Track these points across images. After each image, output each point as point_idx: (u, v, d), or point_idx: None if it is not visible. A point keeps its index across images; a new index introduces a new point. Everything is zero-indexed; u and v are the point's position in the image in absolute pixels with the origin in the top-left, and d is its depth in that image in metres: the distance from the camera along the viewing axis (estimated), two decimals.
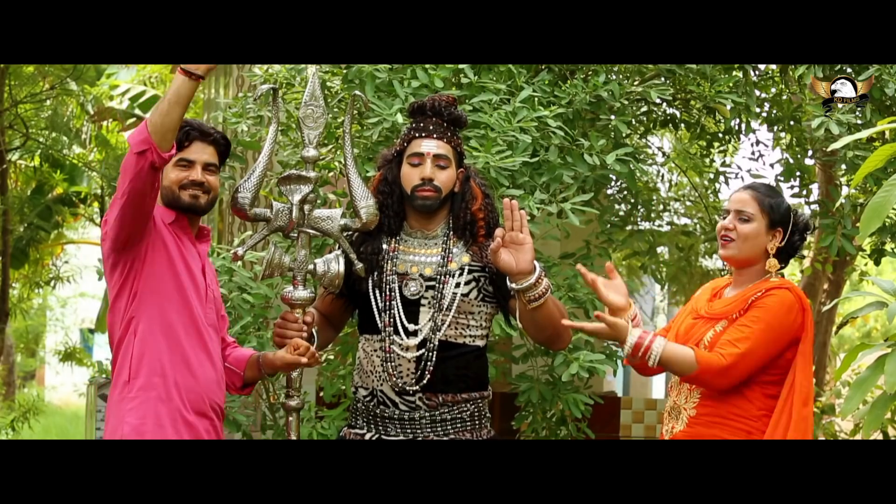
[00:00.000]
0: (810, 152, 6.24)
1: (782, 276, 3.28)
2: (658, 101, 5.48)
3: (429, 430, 3.13)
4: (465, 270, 3.18)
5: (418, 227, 3.24)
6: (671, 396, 3.27)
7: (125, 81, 13.12)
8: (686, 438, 3.16)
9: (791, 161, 6.40)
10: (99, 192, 12.64)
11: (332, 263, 3.14)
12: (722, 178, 6.96)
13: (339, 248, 3.20)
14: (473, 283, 3.18)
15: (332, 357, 5.42)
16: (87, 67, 11.18)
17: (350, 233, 3.23)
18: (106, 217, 3.04)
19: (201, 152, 3.15)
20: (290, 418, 3.15)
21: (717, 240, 3.30)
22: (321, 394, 5.37)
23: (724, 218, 3.27)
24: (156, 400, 2.99)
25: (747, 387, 3.19)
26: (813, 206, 6.64)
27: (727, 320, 3.18)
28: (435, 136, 3.20)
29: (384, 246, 3.22)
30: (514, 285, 3.02)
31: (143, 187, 2.91)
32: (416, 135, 3.21)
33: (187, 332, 3.05)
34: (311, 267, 3.14)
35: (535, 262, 3.02)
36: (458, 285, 3.16)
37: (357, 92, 3.32)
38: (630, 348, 3.02)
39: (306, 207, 3.14)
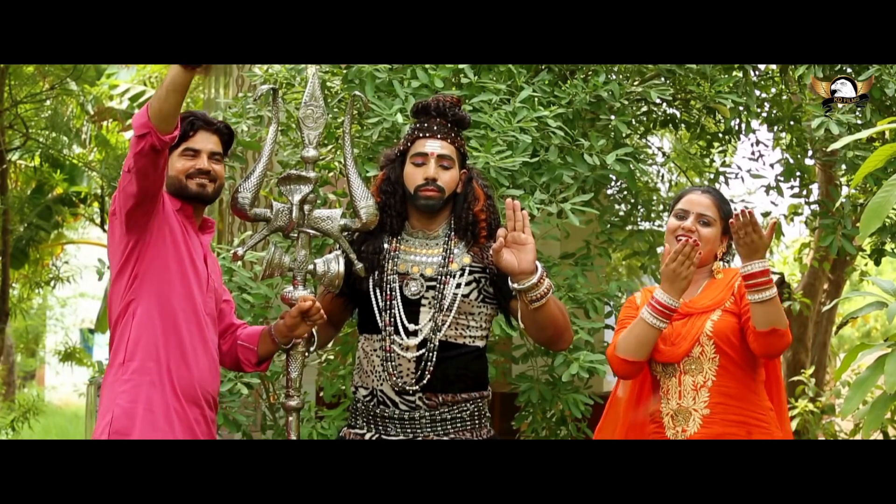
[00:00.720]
0: (810, 152, 6.24)
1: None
2: (658, 101, 5.48)
3: (429, 429, 3.13)
4: (466, 271, 3.18)
5: (420, 227, 3.24)
6: (672, 400, 3.25)
7: (125, 81, 13.12)
8: (706, 438, 3.16)
9: (791, 161, 6.41)
10: (99, 192, 12.64)
11: (332, 263, 3.14)
12: (722, 178, 6.96)
13: (338, 248, 3.20)
14: (474, 284, 3.18)
15: (332, 357, 5.42)
16: (87, 67, 11.18)
17: (350, 233, 3.23)
18: (115, 194, 3.08)
19: (206, 141, 3.18)
20: (291, 418, 3.15)
21: (671, 238, 3.30)
22: (321, 394, 5.36)
23: (683, 219, 3.29)
24: (148, 385, 3.01)
25: (756, 383, 3.22)
26: (813, 206, 6.65)
27: (721, 310, 3.21)
28: (439, 136, 3.20)
29: (385, 245, 3.22)
30: (516, 285, 3.02)
31: (145, 166, 2.93)
32: (420, 135, 3.21)
33: (185, 319, 3.06)
34: (311, 267, 3.14)
35: (537, 263, 3.02)
36: (458, 286, 3.16)
37: (357, 92, 3.32)
38: (762, 267, 3.04)
39: (306, 207, 3.14)
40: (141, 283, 3.04)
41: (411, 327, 3.14)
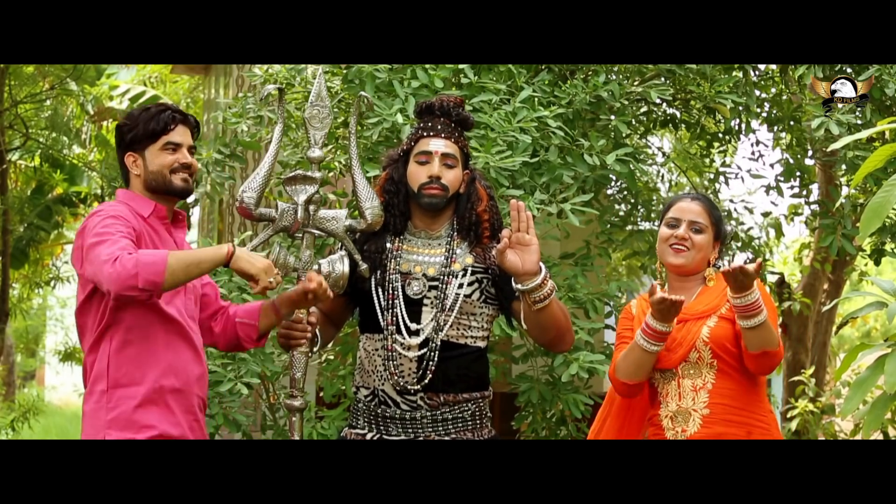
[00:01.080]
0: (810, 152, 6.25)
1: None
2: (658, 101, 5.48)
3: (430, 429, 3.13)
4: (469, 271, 3.18)
5: (423, 226, 3.24)
6: (671, 401, 3.24)
7: (125, 81, 13.14)
8: (706, 438, 3.16)
9: (791, 161, 6.41)
10: (99, 192, 12.65)
11: (337, 264, 3.14)
12: (722, 178, 6.97)
13: (341, 248, 3.20)
14: (476, 285, 3.18)
15: (332, 357, 5.42)
16: (87, 67, 11.19)
17: (353, 233, 3.23)
18: (82, 270, 2.94)
19: (184, 135, 3.11)
20: (294, 418, 3.14)
21: (665, 247, 3.31)
22: (321, 394, 5.37)
23: (675, 227, 3.30)
24: (138, 409, 2.94)
25: (756, 386, 3.22)
26: (813, 206, 6.66)
27: (717, 316, 3.22)
28: (443, 135, 3.20)
29: (388, 245, 3.22)
30: (519, 286, 3.02)
31: (126, 302, 2.89)
32: (425, 134, 3.22)
33: (167, 336, 2.99)
34: (315, 267, 3.14)
35: (541, 264, 3.02)
36: (461, 286, 3.16)
37: (363, 93, 3.32)
38: (753, 300, 3.04)
39: (311, 208, 3.13)
40: (115, 310, 2.95)
41: (413, 327, 3.14)
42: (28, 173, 13.32)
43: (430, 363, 3.11)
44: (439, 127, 3.21)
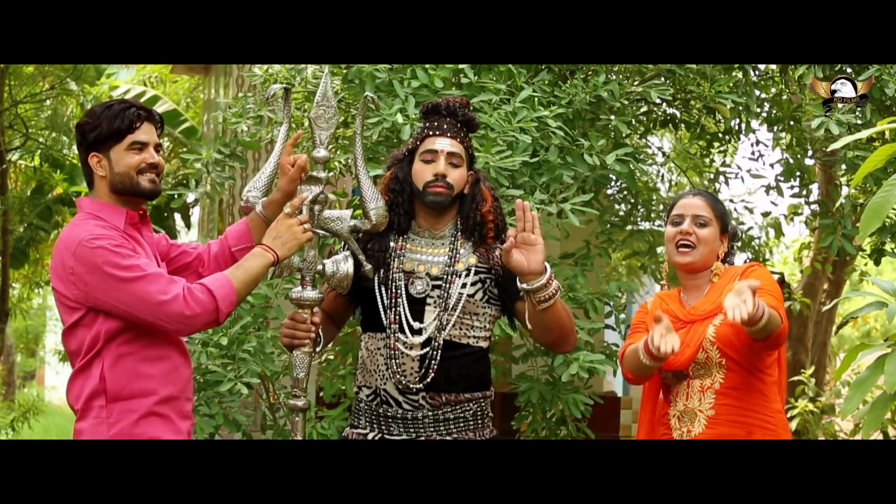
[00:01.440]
0: (810, 152, 6.25)
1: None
2: (658, 101, 5.48)
3: (431, 429, 3.13)
4: (472, 271, 3.19)
5: (427, 226, 3.25)
6: (679, 400, 3.25)
7: (125, 81, 13.15)
8: (710, 439, 3.16)
9: (791, 161, 6.41)
10: None
11: (342, 264, 3.14)
12: (722, 178, 6.97)
13: (344, 247, 3.20)
14: (479, 285, 3.19)
15: (332, 357, 5.42)
16: (87, 67, 11.19)
17: (357, 233, 3.23)
18: (103, 302, 2.85)
19: (150, 133, 3.00)
20: (297, 419, 3.13)
21: (672, 247, 3.30)
22: (321, 394, 5.37)
23: (679, 224, 3.29)
24: (138, 421, 2.92)
25: (766, 384, 3.22)
26: (813, 206, 6.66)
27: (723, 313, 3.21)
28: (449, 134, 3.21)
29: (391, 244, 3.22)
30: (524, 285, 3.03)
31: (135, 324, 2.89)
32: (430, 133, 3.22)
33: (160, 345, 2.97)
34: (319, 267, 3.14)
35: (546, 264, 3.03)
36: (464, 286, 3.16)
37: (369, 94, 3.32)
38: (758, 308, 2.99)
39: (316, 208, 3.13)
40: (106, 332, 2.90)
41: (416, 325, 3.14)
42: (28, 173, 13.32)
43: (433, 362, 3.12)
44: (445, 126, 3.22)
